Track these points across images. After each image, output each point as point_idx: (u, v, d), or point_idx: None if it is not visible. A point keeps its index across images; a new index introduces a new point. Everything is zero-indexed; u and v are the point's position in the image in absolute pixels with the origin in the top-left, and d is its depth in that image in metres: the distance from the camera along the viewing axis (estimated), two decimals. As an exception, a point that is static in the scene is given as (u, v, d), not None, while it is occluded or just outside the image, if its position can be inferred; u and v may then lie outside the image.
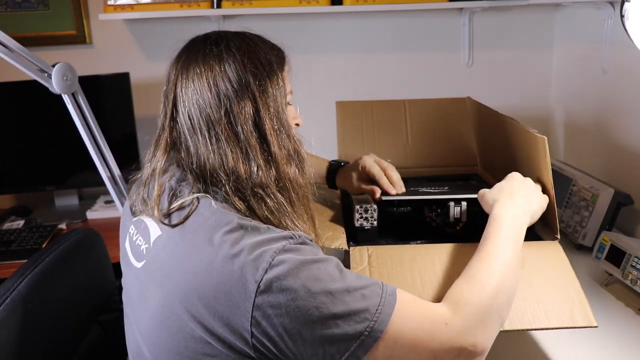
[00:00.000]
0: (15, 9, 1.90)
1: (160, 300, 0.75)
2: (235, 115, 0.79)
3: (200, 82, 0.80)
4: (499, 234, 0.85)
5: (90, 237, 1.13)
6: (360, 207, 1.04)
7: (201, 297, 0.70)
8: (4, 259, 1.59)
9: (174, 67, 0.84)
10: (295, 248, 0.73)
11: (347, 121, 1.46)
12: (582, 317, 0.83)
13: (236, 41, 0.83)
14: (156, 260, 0.79)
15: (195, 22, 1.89)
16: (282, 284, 0.68)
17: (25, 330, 0.89)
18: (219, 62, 0.81)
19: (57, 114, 1.46)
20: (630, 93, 1.50)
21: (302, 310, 0.68)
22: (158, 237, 0.80)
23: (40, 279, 0.94)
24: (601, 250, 1.21)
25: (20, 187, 1.94)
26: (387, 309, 0.71)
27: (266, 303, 0.68)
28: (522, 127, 1.00)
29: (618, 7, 1.18)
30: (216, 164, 0.79)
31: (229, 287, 0.69)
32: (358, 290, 0.72)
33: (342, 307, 0.69)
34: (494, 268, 0.80)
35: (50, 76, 1.25)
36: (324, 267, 0.72)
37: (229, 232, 0.73)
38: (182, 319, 0.72)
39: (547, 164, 0.92)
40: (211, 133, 0.79)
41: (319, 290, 0.69)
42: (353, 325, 0.69)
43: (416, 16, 1.96)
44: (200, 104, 0.80)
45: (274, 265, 0.69)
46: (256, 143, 0.80)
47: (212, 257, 0.71)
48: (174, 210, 0.79)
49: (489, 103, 1.40)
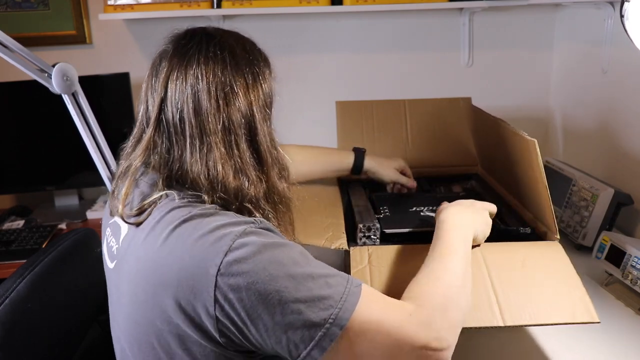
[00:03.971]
0: (15, 9, 1.90)
1: (131, 297, 0.76)
2: (233, 129, 0.77)
3: (198, 86, 0.76)
4: (450, 236, 0.86)
5: (89, 237, 1.13)
6: (363, 227, 1.03)
7: (166, 288, 0.70)
8: (4, 259, 1.59)
9: (167, 60, 0.79)
10: (258, 231, 0.71)
11: (347, 121, 1.46)
12: (584, 313, 0.82)
13: (236, 48, 0.80)
14: (124, 258, 0.79)
15: (195, 22, 1.87)
16: (242, 267, 0.67)
17: (24, 330, 0.89)
18: (222, 69, 0.78)
19: (57, 114, 1.46)
20: (630, 93, 1.50)
21: (263, 294, 0.66)
22: (125, 236, 0.80)
23: (39, 280, 0.94)
24: (601, 250, 1.21)
25: (20, 187, 1.94)
26: (352, 298, 0.69)
27: (227, 286, 0.67)
28: (512, 129, 1.00)
29: (618, 7, 1.18)
30: (202, 173, 0.76)
31: (190, 274, 0.68)
32: (323, 277, 0.70)
33: (305, 293, 0.68)
34: (449, 266, 0.81)
35: (50, 76, 1.25)
36: (287, 252, 0.71)
37: (188, 221, 0.72)
38: (152, 314, 0.72)
39: (539, 166, 0.92)
40: (204, 142, 0.76)
41: (281, 274, 0.68)
42: (317, 312, 0.67)
43: (416, 16, 1.96)
44: (197, 109, 0.76)
45: (235, 248, 0.68)
46: (250, 159, 0.79)
47: (172, 246, 0.71)
48: (143, 209, 0.77)
49: (489, 103, 1.40)
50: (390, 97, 1.52)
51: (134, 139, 0.83)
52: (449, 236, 0.87)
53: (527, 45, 2.00)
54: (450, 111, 1.47)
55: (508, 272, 0.89)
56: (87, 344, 1.07)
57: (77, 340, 1.05)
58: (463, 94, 1.50)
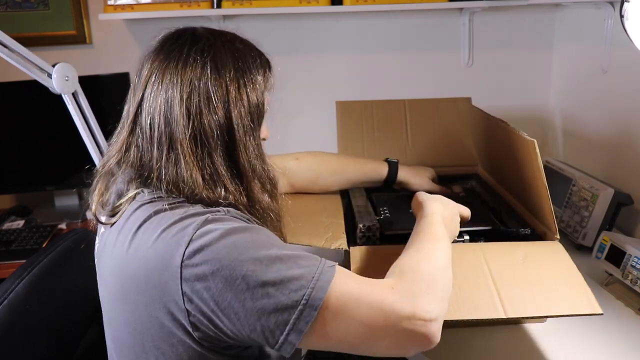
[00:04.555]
0: (15, 9, 1.90)
1: (106, 296, 0.76)
2: (205, 140, 0.73)
3: (172, 92, 0.73)
4: (437, 227, 0.86)
5: (88, 237, 1.12)
6: (363, 227, 1.03)
7: (136, 286, 0.69)
8: (4, 259, 1.59)
9: (149, 61, 0.77)
10: (220, 218, 0.69)
11: (347, 121, 1.46)
12: (586, 305, 0.81)
13: (223, 53, 0.76)
14: (101, 257, 0.80)
15: (195, 22, 1.87)
16: (205, 255, 0.65)
17: (23, 331, 0.88)
18: (199, 76, 0.74)
19: (57, 114, 1.46)
20: (630, 93, 1.50)
21: (230, 280, 0.64)
22: (102, 234, 0.80)
23: (38, 280, 0.94)
24: (601, 250, 1.21)
25: (20, 187, 1.94)
26: (325, 276, 0.66)
27: (193, 276, 0.65)
28: (512, 130, 1.00)
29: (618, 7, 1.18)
30: (171, 180, 0.74)
31: (156, 269, 0.67)
32: (292, 259, 0.67)
33: (273, 275, 0.65)
34: (434, 248, 0.80)
35: (50, 76, 1.25)
36: (252, 235, 0.68)
37: (153, 216, 0.71)
38: (125, 312, 0.71)
39: (539, 166, 0.92)
40: (171, 150, 0.74)
41: (246, 258, 0.65)
42: (288, 294, 0.64)
43: (416, 16, 1.96)
44: (168, 117, 0.74)
45: (197, 237, 0.66)
46: (227, 171, 0.75)
47: (138, 244, 0.70)
48: (117, 209, 0.77)
49: (489, 103, 1.40)
50: (390, 97, 1.52)
51: (115, 137, 0.82)
52: (435, 227, 0.86)
53: (527, 45, 1.99)
54: (450, 111, 1.47)
55: (509, 268, 0.89)
56: (86, 344, 1.07)
57: (76, 341, 1.05)
58: (463, 94, 1.50)
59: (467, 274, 0.87)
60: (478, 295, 0.83)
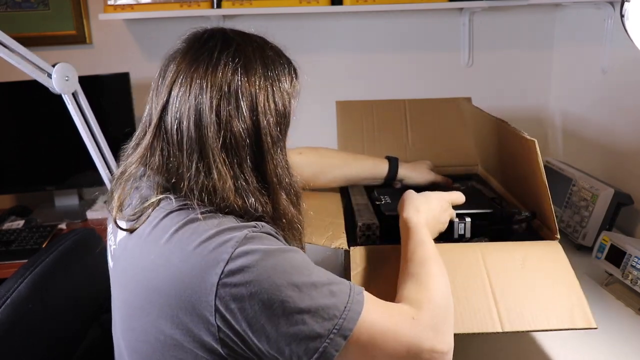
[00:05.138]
0: (15, 9, 1.90)
1: (126, 302, 0.74)
2: (236, 150, 0.72)
3: (201, 98, 0.71)
4: (426, 239, 0.87)
5: (89, 237, 1.13)
6: (363, 225, 1.03)
7: (163, 297, 0.67)
8: (4, 259, 1.59)
9: (175, 62, 0.74)
10: (259, 236, 0.68)
11: (347, 121, 1.46)
12: (581, 319, 0.83)
13: (254, 60, 0.74)
14: (120, 261, 0.77)
15: (195, 22, 1.88)
16: (245, 276, 0.64)
17: (25, 330, 0.89)
18: (230, 83, 0.71)
19: (57, 114, 1.46)
20: (630, 93, 1.50)
21: (267, 304, 0.64)
22: (122, 238, 0.77)
23: (39, 280, 0.94)
24: (601, 250, 1.21)
25: (20, 187, 1.94)
26: (356, 307, 0.67)
27: (229, 296, 0.64)
28: (513, 129, 1.00)
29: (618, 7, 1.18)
30: (199, 188, 0.71)
31: (189, 284, 0.65)
32: (326, 285, 0.68)
33: (308, 302, 0.65)
34: (434, 271, 0.81)
35: (50, 76, 1.25)
36: (290, 258, 0.68)
37: (185, 226, 0.69)
38: (147, 322, 0.69)
39: (540, 166, 0.92)
40: (202, 158, 0.71)
41: (285, 283, 0.65)
42: (321, 322, 0.65)
43: (416, 16, 1.96)
44: (197, 122, 0.71)
45: (237, 256, 0.65)
46: (255, 183, 0.74)
47: (169, 254, 0.68)
48: (139, 214, 0.74)
49: (489, 103, 1.40)
50: (390, 97, 1.52)
51: (136, 140, 0.79)
52: (424, 240, 0.87)
53: (527, 45, 2.00)
54: (450, 111, 1.47)
55: (507, 275, 0.89)
56: (87, 344, 1.07)
57: (77, 341, 1.05)
58: (463, 94, 1.50)
59: (465, 282, 0.87)
60: (476, 306, 0.84)
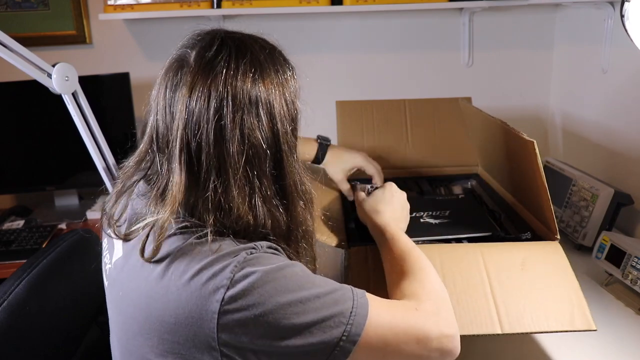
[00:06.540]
0: (15, 9, 1.90)
1: (123, 326, 0.72)
2: (257, 163, 0.69)
3: (222, 111, 0.66)
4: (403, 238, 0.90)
5: (87, 238, 1.12)
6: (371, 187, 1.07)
7: (162, 325, 0.65)
8: (4, 259, 1.59)
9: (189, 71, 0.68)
10: (256, 257, 0.66)
11: (347, 121, 1.46)
12: (581, 321, 0.83)
13: (267, 68, 0.71)
14: (116, 283, 0.75)
15: (195, 22, 1.86)
16: (247, 301, 0.62)
17: (23, 333, 0.88)
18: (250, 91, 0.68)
19: (57, 114, 1.46)
20: (630, 93, 1.50)
21: (273, 324, 0.63)
22: (118, 259, 0.75)
23: (37, 281, 0.93)
24: (601, 250, 1.21)
25: (20, 187, 1.94)
26: (361, 311, 0.67)
27: (232, 322, 0.63)
28: (512, 130, 1.00)
29: (618, 7, 1.18)
30: (212, 210, 0.68)
31: (189, 314, 0.63)
32: (329, 294, 0.67)
33: (314, 315, 0.65)
34: (418, 263, 0.83)
35: (50, 76, 1.25)
36: (290, 274, 0.66)
37: (183, 253, 0.66)
38: (146, 345, 0.68)
39: (539, 166, 0.92)
40: (220, 174, 0.67)
41: (288, 301, 0.64)
42: (329, 332, 0.65)
43: (416, 16, 1.96)
44: (218, 137, 0.66)
45: (237, 281, 0.63)
46: (274, 195, 0.72)
47: (168, 282, 0.66)
48: (134, 234, 0.71)
49: (489, 103, 1.40)
50: (390, 97, 1.52)
51: (139, 155, 0.75)
52: (396, 237, 0.90)
53: (527, 45, 2.00)
54: (450, 111, 1.47)
55: (507, 276, 0.89)
56: (85, 346, 1.06)
57: (76, 343, 1.05)
58: (463, 94, 1.50)
59: (465, 282, 0.87)
60: (476, 307, 0.84)
